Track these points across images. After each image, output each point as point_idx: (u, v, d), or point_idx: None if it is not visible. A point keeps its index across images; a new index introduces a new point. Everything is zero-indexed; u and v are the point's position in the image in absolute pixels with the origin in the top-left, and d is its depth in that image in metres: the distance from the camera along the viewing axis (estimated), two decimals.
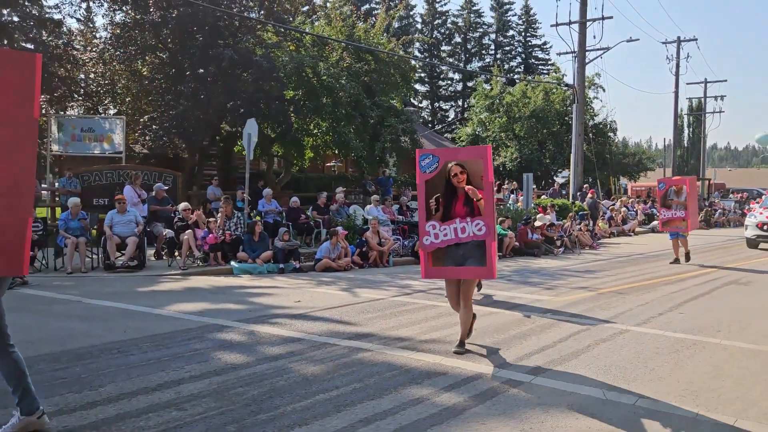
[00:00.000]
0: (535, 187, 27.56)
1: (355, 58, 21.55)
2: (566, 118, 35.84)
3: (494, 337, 6.87)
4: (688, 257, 14.43)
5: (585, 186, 26.77)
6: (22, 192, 3.64)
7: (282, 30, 20.78)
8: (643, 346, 6.52)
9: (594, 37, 35.30)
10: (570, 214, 19.67)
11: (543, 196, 25.80)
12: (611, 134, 40.18)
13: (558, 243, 17.66)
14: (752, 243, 18.79)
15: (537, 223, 17.31)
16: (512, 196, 25.00)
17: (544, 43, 57.90)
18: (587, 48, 25.66)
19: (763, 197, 23.05)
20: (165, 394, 4.73)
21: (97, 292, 9.52)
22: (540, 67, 56.27)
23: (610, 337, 6.89)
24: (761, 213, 18.85)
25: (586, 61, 25.81)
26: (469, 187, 5.82)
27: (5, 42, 19.71)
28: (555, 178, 41.05)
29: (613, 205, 26.87)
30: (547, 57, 57.07)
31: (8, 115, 3.57)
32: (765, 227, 18.36)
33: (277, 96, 18.84)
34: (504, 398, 4.81)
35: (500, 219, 16.73)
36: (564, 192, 27.32)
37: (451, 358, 5.90)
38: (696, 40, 40.28)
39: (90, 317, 7.64)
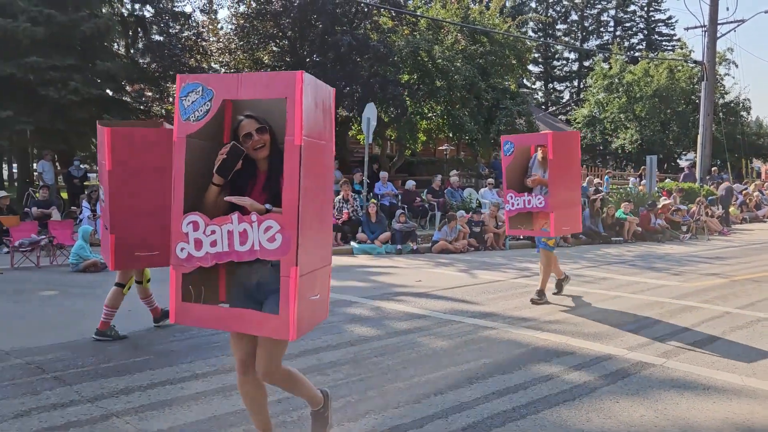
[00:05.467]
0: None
1: (470, 41, 21.48)
2: (693, 97, 33.91)
3: (621, 319, 6.81)
4: (540, 294, 7.68)
5: (714, 169, 25.32)
6: None
7: (397, 14, 21.06)
8: None
9: (727, 9, 33.20)
10: (698, 199, 18.74)
11: (666, 180, 24.67)
12: (744, 113, 37.60)
13: (684, 228, 16.92)
14: None
15: (659, 205, 16.68)
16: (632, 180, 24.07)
17: (669, 18, 54.96)
18: (719, 21, 24.12)
19: None
20: (307, 360, 5.13)
21: None
22: (664, 43, 53.34)
23: (747, 325, 6.65)
24: None
25: (718, 35, 24.28)
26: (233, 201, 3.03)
27: (140, 33, 21.34)
28: (679, 160, 39.06)
29: (746, 189, 25.24)
30: (671, 32, 53.98)
31: None
32: None
33: (393, 80, 19.17)
34: (636, 379, 4.83)
35: (623, 203, 16.25)
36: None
37: (577, 339, 5.94)
38: None
39: None
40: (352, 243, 12.91)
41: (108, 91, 18.63)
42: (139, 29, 21.10)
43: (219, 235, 2.99)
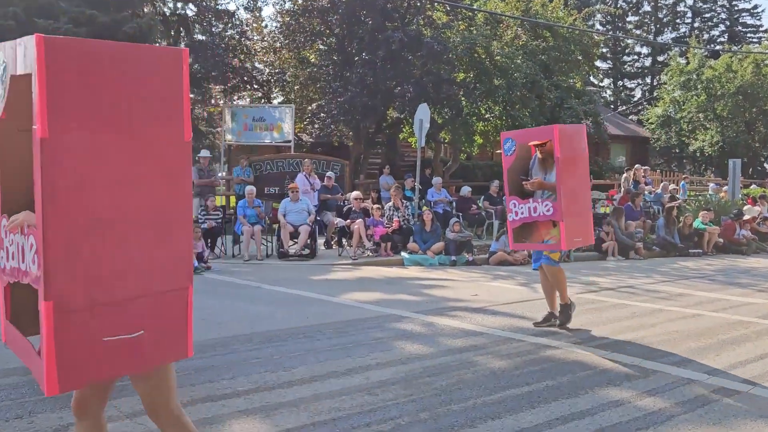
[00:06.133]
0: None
1: (532, 36, 21.32)
2: None
3: (700, 341, 6.60)
4: (565, 315, 7.05)
5: None
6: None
7: (452, 8, 21.06)
8: None
9: None
10: None
11: (752, 186, 23.87)
12: None
13: None
14: None
15: (745, 216, 16.14)
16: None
17: (755, 7, 53.30)
18: None
19: None
20: (354, 379, 5.14)
21: (274, 279, 10.39)
22: (749, 35, 51.75)
23: None
24: None
25: None
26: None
27: (182, 33, 21.96)
28: (766, 164, 37.80)
29: None
30: (757, 23, 52.38)
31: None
32: None
33: (447, 79, 19.17)
34: (718, 407, 4.66)
35: (702, 212, 15.79)
36: None
37: (651, 361, 5.78)
38: None
39: (272, 302, 8.40)
40: (403, 253, 12.90)
41: None
42: (182, 29, 21.71)
43: (12, 245, 2.59)
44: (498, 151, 25.29)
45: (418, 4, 20.10)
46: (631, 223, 14.95)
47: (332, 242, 14.31)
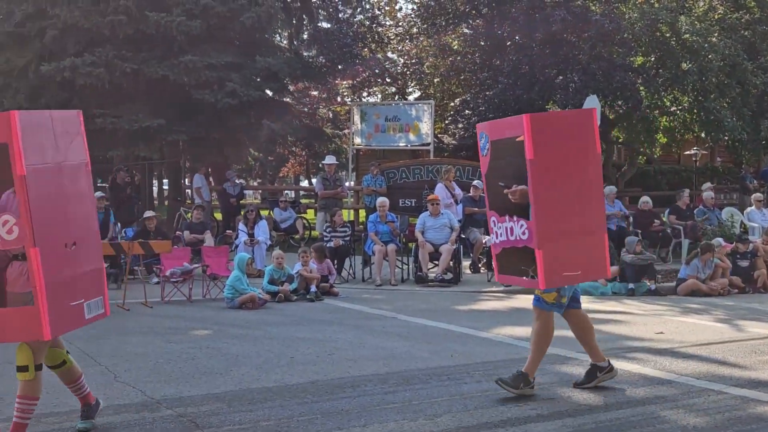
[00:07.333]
0: None
1: (732, 6, 20.40)
2: None
3: None
4: (516, 381, 5.93)
5: None
6: None
7: None
8: None
9: None
10: None
11: None
12: None
13: None
14: None
15: None
16: None
17: None
18: None
19: None
20: None
21: (411, 308, 10.54)
22: None
23: None
24: None
25: None
26: None
27: (305, 21, 22.85)
28: None
29: None
30: None
31: None
32: None
33: (621, 64, 18.74)
34: None
35: None
36: None
37: None
38: None
39: (409, 336, 8.51)
40: None
41: (268, 91, 20.11)
42: (304, 16, 22.58)
43: None
44: (687, 152, 24.37)
45: None
46: None
47: (480, 265, 14.30)
